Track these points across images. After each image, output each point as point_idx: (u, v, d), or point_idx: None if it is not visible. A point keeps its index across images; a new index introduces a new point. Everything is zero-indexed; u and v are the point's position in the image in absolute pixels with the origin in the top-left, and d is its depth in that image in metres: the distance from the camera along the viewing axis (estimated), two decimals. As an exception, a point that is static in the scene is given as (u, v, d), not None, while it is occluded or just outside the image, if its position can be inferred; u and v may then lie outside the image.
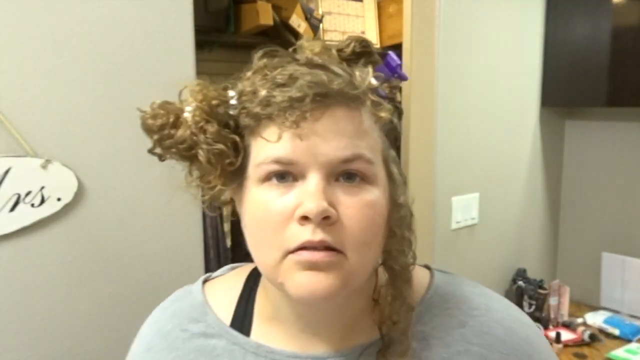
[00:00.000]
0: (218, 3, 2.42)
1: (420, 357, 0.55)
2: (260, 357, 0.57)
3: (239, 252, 2.60)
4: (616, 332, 1.85)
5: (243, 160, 0.53)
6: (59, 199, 1.02)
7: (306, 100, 0.47)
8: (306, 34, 2.68)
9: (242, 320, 0.60)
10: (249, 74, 0.54)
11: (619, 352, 1.73)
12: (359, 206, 0.49)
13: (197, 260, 1.24)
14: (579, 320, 1.95)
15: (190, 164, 0.55)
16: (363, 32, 3.11)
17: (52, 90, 1.01)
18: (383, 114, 0.52)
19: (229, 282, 0.66)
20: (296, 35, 2.66)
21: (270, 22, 2.44)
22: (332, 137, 0.48)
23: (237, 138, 0.52)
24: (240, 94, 0.52)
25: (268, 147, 0.49)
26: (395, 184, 0.54)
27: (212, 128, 0.52)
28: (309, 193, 0.48)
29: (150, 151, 0.57)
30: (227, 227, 2.44)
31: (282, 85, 0.49)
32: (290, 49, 0.55)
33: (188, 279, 1.22)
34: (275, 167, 0.49)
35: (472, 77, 1.74)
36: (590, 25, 1.89)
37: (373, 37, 3.10)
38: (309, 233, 0.48)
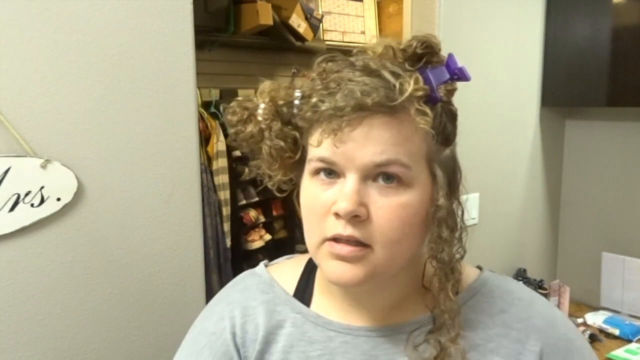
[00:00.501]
0: (218, 3, 2.42)
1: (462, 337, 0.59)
2: (318, 327, 0.64)
3: (239, 252, 2.60)
4: (616, 332, 1.85)
5: (302, 153, 0.60)
6: (58, 199, 1.02)
7: (346, 110, 0.52)
8: (306, 34, 2.68)
9: (303, 292, 0.68)
10: (313, 74, 0.58)
11: (619, 352, 1.73)
12: (391, 207, 0.54)
13: (197, 260, 1.24)
14: (579, 320, 1.95)
15: (259, 155, 0.61)
16: (363, 32, 3.11)
17: (52, 90, 1.01)
18: (422, 124, 0.53)
19: (291, 264, 0.73)
20: (296, 35, 2.66)
21: (270, 22, 2.44)
22: (367, 144, 0.53)
23: (297, 134, 0.59)
24: (302, 95, 0.58)
25: (315, 147, 0.56)
26: (437, 186, 0.57)
27: (276, 126, 0.59)
28: (343, 193, 0.54)
29: (229, 141, 0.64)
30: (227, 227, 2.44)
31: (330, 93, 0.54)
32: (355, 50, 0.58)
33: (188, 279, 1.23)
34: (321, 165, 0.56)
35: (472, 77, 1.74)
36: (590, 25, 1.89)
37: (373, 37, 3.10)
38: (341, 227, 0.54)
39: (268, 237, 2.79)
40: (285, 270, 0.72)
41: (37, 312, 1.03)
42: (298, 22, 2.64)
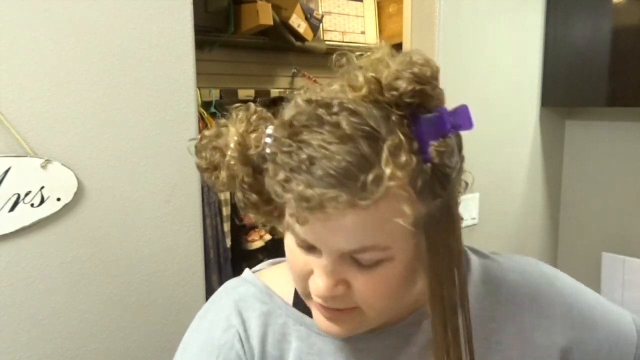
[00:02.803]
0: (218, 3, 2.42)
1: None
2: (326, 338, 0.60)
3: (239, 252, 2.60)
4: (616, 332, 1.85)
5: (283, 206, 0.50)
6: (58, 199, 1.02)
7: (312, 202, 0.43)
8: (306, 34, 2.68)
9: (303, 302, 0.60)
10: (285, 118, 0.48)
11: (619, 352, 1.73)
12: (372, 281, 0.49)
13: (197, 260, 1.24)
14: (579, 320, 1.95)
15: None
16: (363, 32, 3.11)
17: (52, 90, 1.01)
18: (399, 218, 0.45)
19: (281, 270, 0.66)
20: (296, 35, 2.66)
21: (270, 22, 2.44)
22: (338, 232, 0.46)
23: None
24: (274, 141, 0.48)
25: None
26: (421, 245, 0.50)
27: (247, 178, 0.51)
28: (320, 269, 0.49)
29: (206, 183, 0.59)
30: (227, 227, 2.44)
31: (299, 167, 0.44)
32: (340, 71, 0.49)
33: (188, 279, 1.23)
34: (297, 241, 0.51)
35: (472, 77, 1.74)
36: (590, 25, 1.89)
37: (373, 37, 3.10)
38: (322, 300, 0.51)
39: (268, 237, 2.79)
40: (278, 277, 0.65)
41: (37, 312, 1.03)
42: (298, 22, 2.64)
